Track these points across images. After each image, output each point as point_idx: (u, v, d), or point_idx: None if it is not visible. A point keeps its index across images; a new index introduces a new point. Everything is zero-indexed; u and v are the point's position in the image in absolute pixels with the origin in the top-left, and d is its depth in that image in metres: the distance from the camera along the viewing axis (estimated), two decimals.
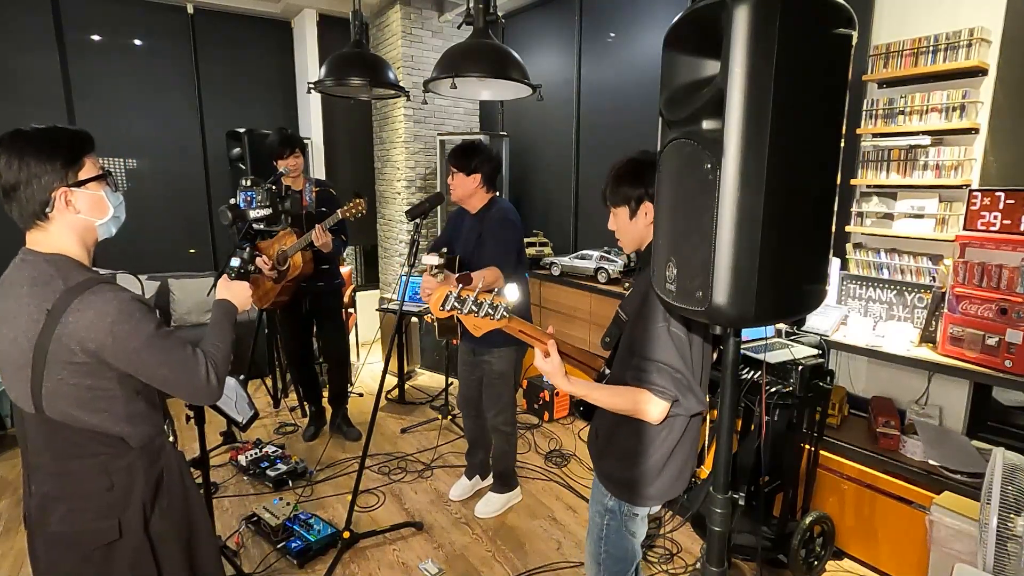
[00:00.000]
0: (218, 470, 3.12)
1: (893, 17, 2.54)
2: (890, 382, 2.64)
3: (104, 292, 1.16)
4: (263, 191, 1.75)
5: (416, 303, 4.31)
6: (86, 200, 1.22)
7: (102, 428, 1.21)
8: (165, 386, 1.24)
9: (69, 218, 1.20)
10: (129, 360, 1.18)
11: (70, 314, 1.12)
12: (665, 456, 1.44)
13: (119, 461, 1.24)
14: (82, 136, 1.24)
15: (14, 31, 4.22)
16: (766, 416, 2.30)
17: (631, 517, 1.53)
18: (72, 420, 1.18)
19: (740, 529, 2.32)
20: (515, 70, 2.54)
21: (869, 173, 2.58)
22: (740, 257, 0.92)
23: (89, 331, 1.13)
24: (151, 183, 4.88)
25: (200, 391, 1.26)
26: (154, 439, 1.31)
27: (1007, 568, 1.62)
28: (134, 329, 1.16)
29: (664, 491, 1.48)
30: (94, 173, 1.24)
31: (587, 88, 4.30)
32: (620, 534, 1.55)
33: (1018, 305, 2.02)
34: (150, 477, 1.29)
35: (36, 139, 1.17)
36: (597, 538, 1.59)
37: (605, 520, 1.56)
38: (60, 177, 1.17)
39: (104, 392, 1.20)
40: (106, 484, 1.23)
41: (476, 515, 2.80)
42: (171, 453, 1.38)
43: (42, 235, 1.20)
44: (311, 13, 5.01)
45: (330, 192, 3.26)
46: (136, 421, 1.26)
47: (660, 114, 1.08)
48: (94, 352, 1.15)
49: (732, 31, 0.86)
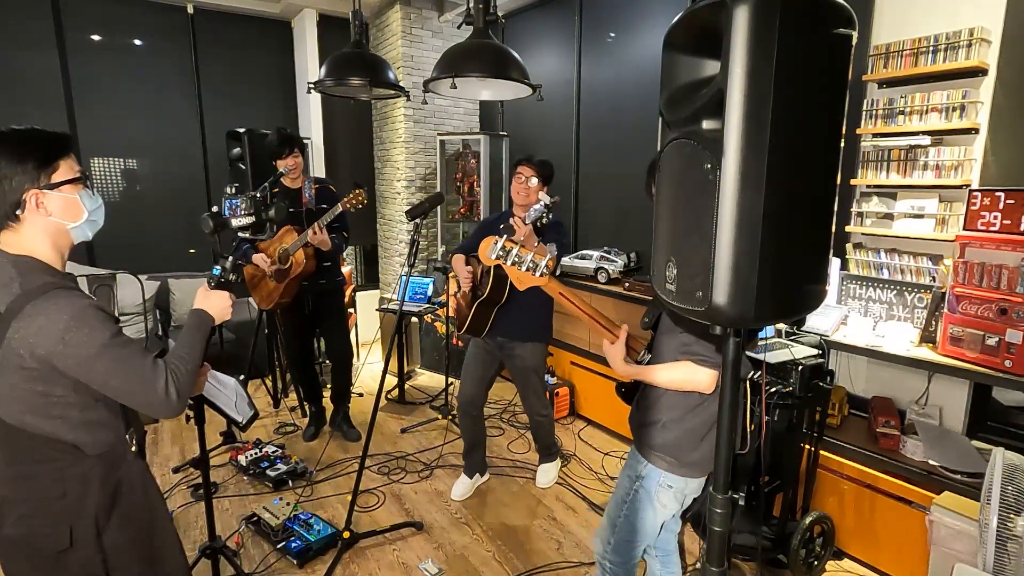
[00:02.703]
0: (218, 470, 3.12)
1: (893, 17, 2.54)
2: (890, 382, 2.64)
3: (59, 298, 1.13)
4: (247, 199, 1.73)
5: (416, 303, 4.31)
6: (59, 203, 1.20)
7: (56, 435, 1.18)
8: (119, 397, 1.21)
9: (40, 220, 1.18)
10: (80, 369, 1.15)
11: (22, 319, 1.10)
12: (707, 424, 1.50)
13: (73, 469, 1.21)
14: (59, 138, 1.22)
15: (14, 31, 4.22)
16: (766, 416, 2.30)
17: (664, 488, 1.57)
18: (25, 425, 1.16)
19: (740, 529, 2.32)
20: (515, 70, 2.54)
21: (869, 173, 2.58)
22: (740, 257, 0.92)
23: (39, 337, 1.10)
24: (151, 183, 4.89)
25: (157, 404, 1.21)
26: (114, 447, 1.28)
27: (1007, 568, 1.62)
28: (87, 337, 1.13)
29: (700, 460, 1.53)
30: (69, 176, 1.22)
31: (587, 88, 4.30)
32: (646, 502, 1.59)
33: (1018, 305, 2.02)
34: (106, 487, 1.25)
35: (10, 140, 1.16)
36: (620, 501, 1.65)
37: (635, 485, 1.61)
38: (32, 179, 1.16)
39: (58, 399, 1.17)
40: (59, 491, 1.20)
41: (538, 486, 3.05)
42: (132, 463, 1.33)
43: (13, 236, 1.18)
44: (311, 13, 5.01)
45: (330, 189, 3.26)
46: (93, 429, 1.23)
47: (660, 114, 1.08)
48: (44, 359, 1.12)
49: (732, 31, 0.86)
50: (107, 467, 1.26)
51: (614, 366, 1.50)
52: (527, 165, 2.65)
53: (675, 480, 1.56)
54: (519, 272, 1.49)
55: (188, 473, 3.07)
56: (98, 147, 4.64)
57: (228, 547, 2.37)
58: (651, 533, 1.64)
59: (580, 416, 3.96)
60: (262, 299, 3.27)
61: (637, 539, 1.64)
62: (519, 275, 1.49)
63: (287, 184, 3.19)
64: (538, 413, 2.98)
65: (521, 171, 2.66)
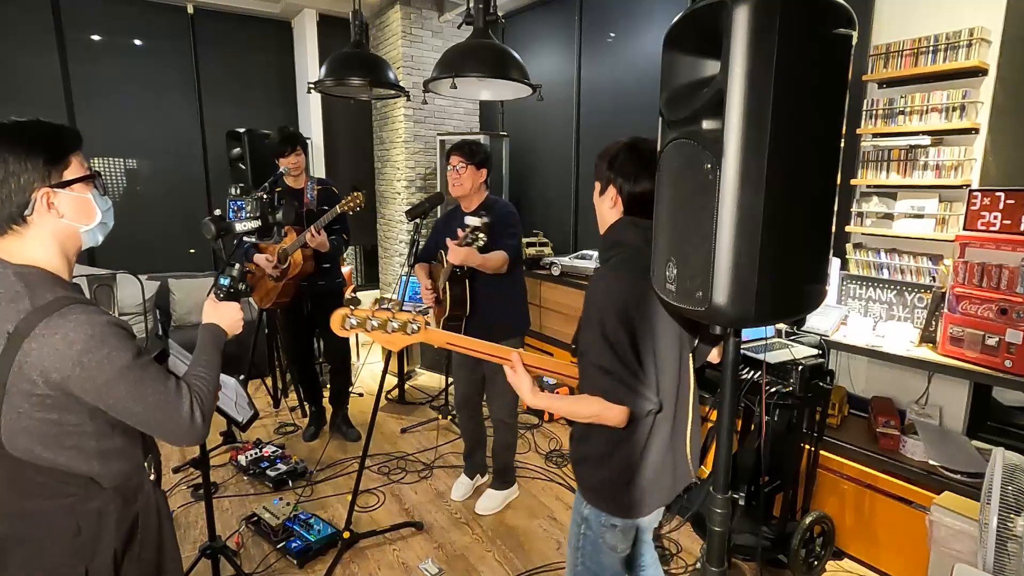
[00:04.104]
0: (218, 470, 3.12)
1: (893, 17, 2.54)
2: (890, 382, 2.64)
3: (75, 315, 1.01)
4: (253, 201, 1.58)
5: (416, 303, 4.31)
6: (71, 203, 1.08)
7: (69, 467, 1.06)
8: (140, 425, 1.09)
9: (50, 223, 1.06)
10: (99, 394, 1.03)
11: (33, 339, 0.98)
12: (634, 462, 1.36)
13: (88, 503, 1.10)
14: (68, 132, 1.10)
15: (14, 31, 4.22)
16: (766, 416, 2.30)
17: (608, 528, 1.43)
18: (35, 458, 1.03)
19: (740, 529, 2.32)
20: (515, 70, 2.53)
21: (869, 173, 2.57)
22: (740, 257, 0.92)
23: (53, 360, 0.98)
24: (151, 183, 4.89)
25: (181, 431, 1.10)
26: (130, 478, 1.16)
27: (1007, 568, 1.62)
28: (105, 359, 1.01)
29: (638, 500, 1.37)
30: (81, 173, 1.09)
31: (587, 88, 4.30)
32: (596, 546, 1.46)
33: (1018, 305, 2.02)
34: (123, 522, 1.14)
35: (15, 133, 1.03)
36: (574, 548, 1.52)
37: (581, 529, 1.48)
38: (42, 176, 1.03)
39: (73, 428, 1.05)
40: (72, 529, 1.08)
41: (477, 512, 2.81)
42: (149, 494, 1.22)
43: (16, 242, 1.05)
44: (311, 13, 5.01)
45: (332, 191, 3.25)
46: (110, 459, 1.11)
47: (660, 114, 1.08)
48: (58, 384, 1.00)
49: (732, 31, 0.86)
50: (124, 500, 1.15)
51: (523, 397, 1.36)
52: (455, 153, 2.50)
53: (620, 520, 1.42)
54: (384, 335, 1.39)
55: (188, 473, 3.07)
56: (98, 147, 4.64)
57: (228, 547, 2.37)
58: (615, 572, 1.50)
59: None
60: (261, 298, 3.27)
61: None
62: (386, 338, 1.39)
63: (289, 184, 3.19)
64: (501, 417, 2.73)
65: (451, 161, 2.51)
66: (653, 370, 1.31)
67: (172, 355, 1.82)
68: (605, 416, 1.30)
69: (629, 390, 1.28)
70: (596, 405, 1.30)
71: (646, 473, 1.37)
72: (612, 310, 1.28)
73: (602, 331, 1.28)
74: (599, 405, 1.29)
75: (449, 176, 2.54)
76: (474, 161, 2.49)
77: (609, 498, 1.41)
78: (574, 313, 3.97)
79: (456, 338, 1.44)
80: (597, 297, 1.33)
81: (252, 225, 1.57)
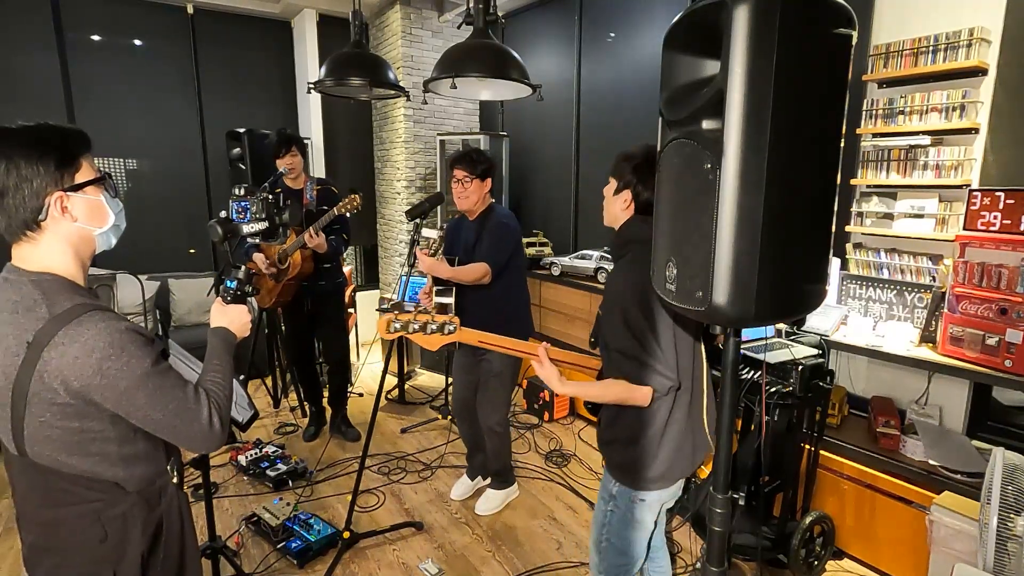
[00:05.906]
0: (218, 470, 3.12)
1: (893, 17, 2.54)
2: (890, 382, 2.64)
3: (94, 322, 1.00)
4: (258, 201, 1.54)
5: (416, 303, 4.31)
6: (84, 206, 1.07)
7: (93, 473, 1.07)
8: (160, 431, 1.09)
9: (64, 227, 1.05)
10: (119, 401, 1.03)
11: (53, 348, 0.97)
12: (658, 435, 1.48)
13: (113, 508, 1.10)
14: (77, 134, 1.09)
15: (14, 31, 4.22)
16: (766, 416, 2.30)
17: (637, 504, 1.54)
18: (60, 465, 1.04)
19: (740, 529, 2.32)
20: (515, 70, 2.53)
21: (869, 173, 2.57)
22: (740, 257, 0.92)
23: (74, 368, 0.98)
24: (151, 183, 4.88)
25: (201, 438, 1.10)
26: (153, 482, 1.17)
27: (1007, 568, 1.62)
28: (125, 366, 1.01)
29: (663, 472, 1.50)
30: (92, 176, 1.09)
31: (587, 88, 4.30)
32: (624, 522, 1.56)
33: (1018, 305, 2.02)
34: (148, 526, 1.15)
35: (25, 138, 1.01)
36: (600, 524, 1.62)
37: (609, 506, 1.59)
38: (54, 180, 1.02)
39: (96, 434, 1.05)
40: (99, 535, 1.09)
41: (476, 512, 2.81)
42: (173, 497, 1.22)
43: (30, 249, 1.04)
44: (311, 13, 5.01)
45: (332, 191, 3.25)
46: (133, 463, 1.11)
47: (660, 114, 1.08)
48: (79, 392, 1.00)
49: (732, 31, 0.86)
50: (148, 504, 1.16)
51: (551, 386, 1.48)
52: (459, 166, 2.49)
53: (647, 494, 1.53)
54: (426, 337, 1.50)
55: (188, 473, 3.07)
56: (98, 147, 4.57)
57: (228, 547, 2.37)
58: (640, 552, 1.60)
59: (579, 416, 3.96)
60: (261, 297, 3.27)
61: (628, 561, 1.59)
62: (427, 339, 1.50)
63: (288, 184, 3.19)
64: (489, 425, 2.71)
65: (455, 174, 2.50)
66: (673, 351, 1.43)
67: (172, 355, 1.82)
68: (632, 397, 1.44)
69: (652, 372, 1.41)
70: (622, 388, 1.43)
71: (669, 446, 1.49)
72: (633, 300, 1.41)
73: (624, 320, 1.42)
74: (625, 388, 1.43)
75: (454, 189, 2.54)
76: (478, 173, 2.51)
77: (636, 473, 1.52)
78: (574, 313, 3.97)
79: (488, 336, 1.55)
80: (617, 290, 1.48)
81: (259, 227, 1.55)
